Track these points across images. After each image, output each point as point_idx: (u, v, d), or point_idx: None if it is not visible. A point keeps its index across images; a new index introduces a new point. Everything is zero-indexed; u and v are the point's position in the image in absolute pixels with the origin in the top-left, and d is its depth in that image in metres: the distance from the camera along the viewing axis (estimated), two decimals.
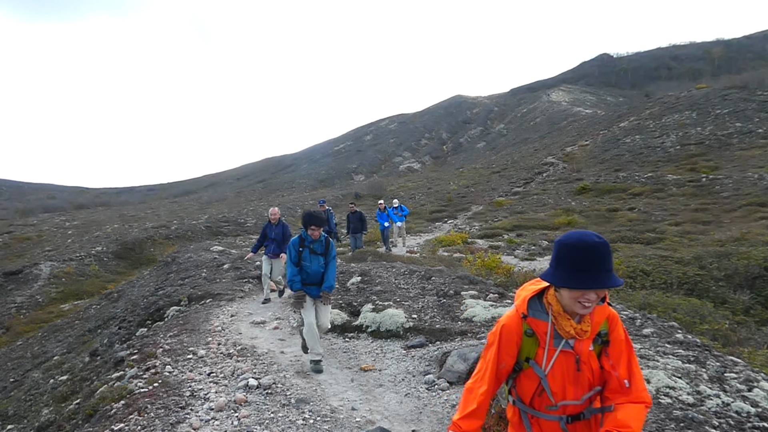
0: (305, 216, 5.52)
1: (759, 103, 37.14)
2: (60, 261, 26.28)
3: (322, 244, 5.55)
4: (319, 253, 5.51)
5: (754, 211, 18.61)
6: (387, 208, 17.40)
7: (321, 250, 5.53)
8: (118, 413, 4.33)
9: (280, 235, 9.38)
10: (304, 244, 5.51)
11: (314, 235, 5.48)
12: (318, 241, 5.52)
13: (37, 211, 63.26)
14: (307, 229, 5.45)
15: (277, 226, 9.42)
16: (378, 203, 18.18)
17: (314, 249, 5.51)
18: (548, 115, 74.12)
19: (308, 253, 5.48)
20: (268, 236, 9.46)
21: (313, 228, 5.45)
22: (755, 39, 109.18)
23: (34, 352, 13.65)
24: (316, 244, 5.52)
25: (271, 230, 9.45)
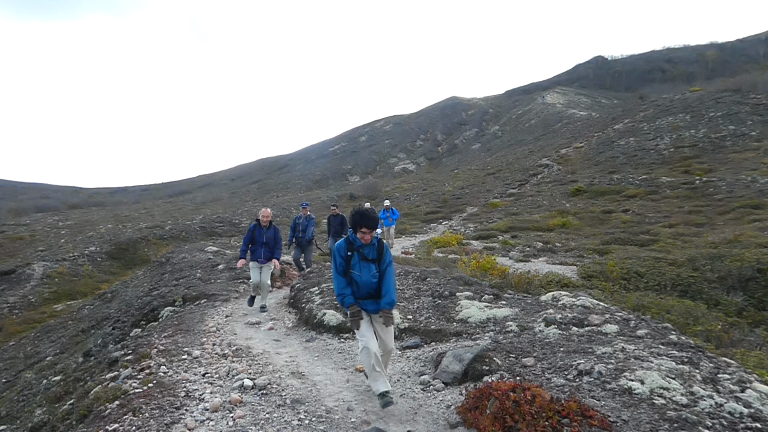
0: (355, 215, 4.50)
1: (752, 106, 37.43)
2: (53, 261, 26.17)
3: (374, 249, 4.59)
4: (371, 259, 4.56)
5: (747, 214, 18.74)
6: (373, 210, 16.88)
7: (373, 255, 4.57)
8: (113, 414, 4.31)
9: (272, 238, 8.85)
10: (353, 248, 4.54)
11: (365, 239, 4.47)
12: (370, 245, 4.56)
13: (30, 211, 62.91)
14: (357, 231, 4.49)
15: (269, 229, 8.84)
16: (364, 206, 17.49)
17: (365, 254, 4.54)
18: (543, 117, 74.39)
19: (358, 260, 4.54)
20: (256, 240, 8.80)
21: (364, 230, 4.43)
22: (749, 42, 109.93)
23: (26, 352, 13.58)
24: (367, 248, 4.55)
25: (261, 233, 8.79)
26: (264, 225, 8.82)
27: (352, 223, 4.48)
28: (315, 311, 7.64)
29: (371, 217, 4.45)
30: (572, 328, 5.71)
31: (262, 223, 8.82)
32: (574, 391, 4.00)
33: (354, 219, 4.47)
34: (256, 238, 8.79)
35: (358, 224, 4.45)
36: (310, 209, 13.21)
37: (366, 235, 4.43)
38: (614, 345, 4.90)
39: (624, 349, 4.76)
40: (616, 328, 5.58)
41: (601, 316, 5.99)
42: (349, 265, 4.54)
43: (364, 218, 4.43)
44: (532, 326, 5.94)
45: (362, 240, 4.46)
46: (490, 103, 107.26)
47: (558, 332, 5.61)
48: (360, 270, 4.53)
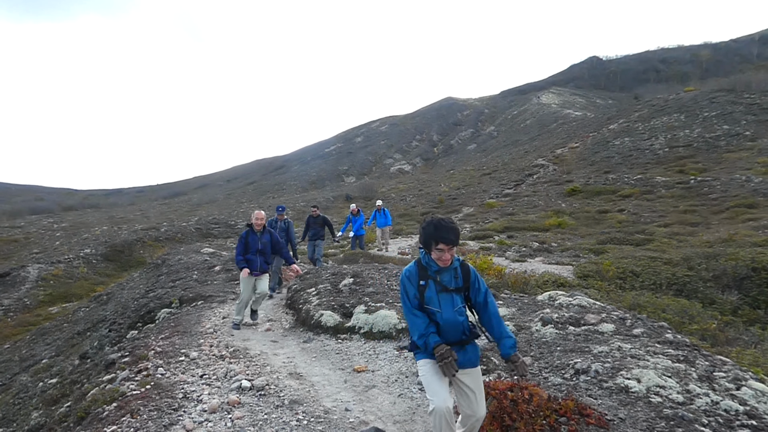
0: (428, 227, 3.20)
1: (746, 105, 37.63)
2: (48, 263, 26.05)
3: (456, 274, 3.28)
4: (452, 289, 3.24)
5: (741, 213, 18.84)
6: (360, 211, 15.98)
7: (456, 283, 3.27)
8: (111, 415, 4.31)
9: (267, 244, 7.92)
10: (426, 275, 3.27)
11: (444, 260, 3.17)
12: (449, 268, 3.24)
13: (25, 213, 62.65)
14: (432, 248, 3.17)
15: (263, 234, 7.90)
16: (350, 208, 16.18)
17: (444, 283, 3.25)
18: (538, 117, 74.54)
19: (435, 291, 3.23)
20: (250, 247, 7.80)
21: (441, 247, 3.12)
22: (742, 42, 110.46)
23: (21, 355, 13.52)
24: (446, 273, 3.25)
25: (255, 240, 7.81)
26: (257, 230, 7.86)
27: (424, 238, 3.21)
28: (312, 312, 7.64)
29: (450, 227, 3.11)
30: (569, 328, 5.74)
31: (255, 228, 7.85)
32: (571, 390, 4.02)
33: (426, 232, 3.18)
34: (249, 246, 7.80)
35: (432, 239, 3.14)
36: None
37: (444, 254, 3.12)
38: (611, 344, 4.93)
39: (620, 348, 4.79)
40: (613, 327, 5.61)
41: (598, 316, 6.02)
42: (423, 299, 3.25)
43: (441, 230, 3.11)
44: (528, 326, 5.96)
45: (439, 262, 3.17)
46: (485, 103, 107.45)
47: (555, 331, 5.64)
48: (439, 304, 3.22)
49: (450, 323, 3.22)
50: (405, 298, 3.31)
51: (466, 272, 3.33)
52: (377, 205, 17.42)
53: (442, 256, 3.14)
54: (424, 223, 3.25)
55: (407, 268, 3.38)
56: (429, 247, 3.20)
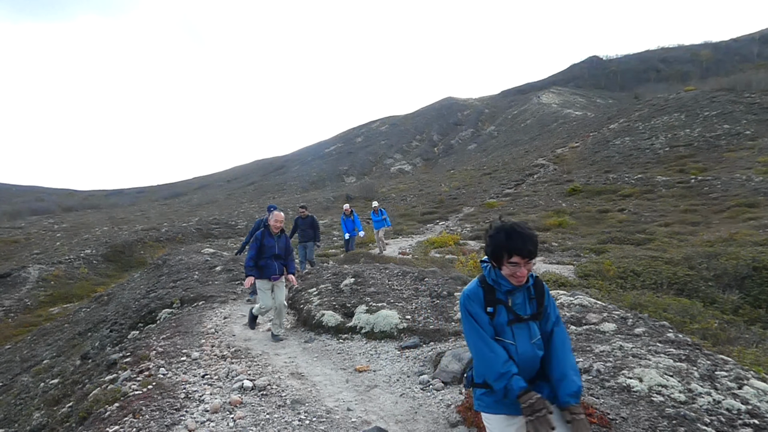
0: (497, 234, 2.49)
1: (746, 105, 37.60)
2: (49, 264, 26.07)
3: (530, 295, 2.60)
4: (527, 317, 2.56)
5: (742, 212, 18.83)
6: (353, 212, 15.31)
7: (530, 309, 2.59)
8: (113, 416, 4.31)
9: (284, 249, 7.25)
10: (495, 297, 2.55)
11: (518, 278, 2.48)
12: (523, 288, 2.56)
13: (25, 214, 62.72)
14: (503, 262, 2.48)
15: (281, 238, 7.22)
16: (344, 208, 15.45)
17: (515, 307, 2.55)
18: (538, 117, 74.54)
19: (506, 319, 2.53)
20: (266, 251, 7.05)
21: (515, 261, 2.43)
22: (742, 42, 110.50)
23: (23, 355, 13.52)
24: (518, 295, 2.57)
25: (273, 243, 7.10)
26: (275, 233, 7.17)
27: (492, 248, 2.49)
28: (314, 312, 7.65)
29: (528, 236, 2.41)
30: (570, 327, 5.74)
31: (273, 231, 7.15)
32: None
33: (495, 241, 2.47)
34: (265, 250, 7.05)
35: (503, 250, 2.43)
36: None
37: (520, 270, 2.42)
38: (612, 343, 4.93)
39: (622, 347, 4.78)
40: (614, 326, 5.61)
41: (599, 315, 6.02)
42: (495, 329, 2.53)
43: (516, 239, 2.40)
44: None
45: (513, 279, 2.47)
46: (485, 103, 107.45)
47: None
48: (513, 336, 2.51)
49: (527, 360, 2.49)
50: (472, 322, 2.52)
51: (540, 292, 2.61)
52: (374, 206, 16.82)
53: (517, 273, 2.42)
54: (491, 228, 2.52)
55: (468, 289, 2.61)
56: (499, 260, 2.47)
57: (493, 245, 2.48)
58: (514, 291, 2.53)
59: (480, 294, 2.56)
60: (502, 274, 2.50)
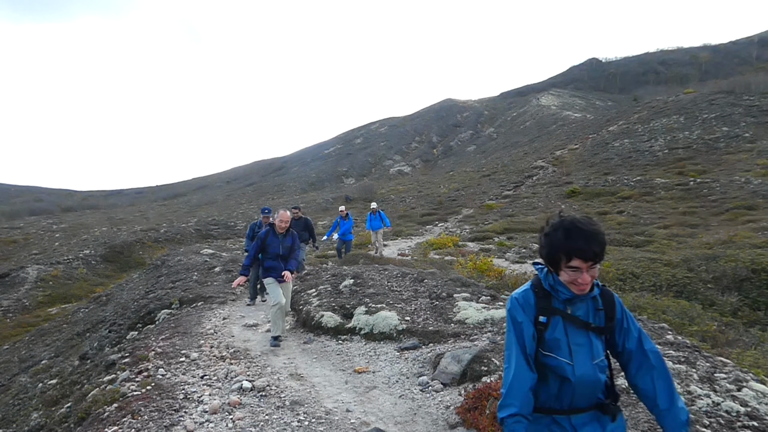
0: (558, 232, 2.02)
1: (745, 107, 37.69)
2: (47, 264, 26.04)
3: (596, 305, 2.16)
4: (593, 327, 2.12)
5: (741, 214, 18.86)
6: (349, 215, 14.73)
7: (597, 320, 2.15)
8: (111, 416, 4.30)
9: (289, 249, 6.88)
10: (551, 306, 2.13)
11: (581, 285, 2.03)
12: (587, 297, 2.11)
13: (24, 214, 62.67)
14: (562, 265, 2.04)
15: (286, 237, 6.86)
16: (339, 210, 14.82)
17: (579, 318, 2.13)
18: (538, 119, 74.69)
19: (564, 331, 2.11)
20: (269, 250, 6.78)
21: (576, 264, 1.98)
22: (741, 44, 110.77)
23: (21, 356, 13.50)
24: (580, 304, 2.14)
25: (277, 243, 6.79)
26: (280, 232, 6.81)
27: (548, 249, 2.06)
28: (313, 313, 7.64)
29: (592, 233, 1.96)
30: None
31: (278, 230, 6.79)
32: None
33: (552, 241, 2.03)
34: (268, 249, 6.76)
35: (561, 251, 2.00)
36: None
37: (582, 276, 1.98)
38: None
39: None
40: None
41: None
42: (543, 341, 2.09)
43: (578, 237, 1.96)
44: None
45: (573, 287, 2.03)
46: (484, 105, 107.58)
47: None
48: (571, 353, 2.06)
49: (586, 382, 2.04)
50: (513, 334, 2.10)
51: (609, 303, 2.13)
52: (372, 208, 16.25)
53: (578, 279, 1.98)
54: (548, 225, 2.07)
55: (518, 293, 2.17)
56: (556, 264, 2.04)
57: (549, 246, 2.04)
58: (574, 300, 2.08)
59: (531, 300, 2.12)
60: (560, 280, 2.06)
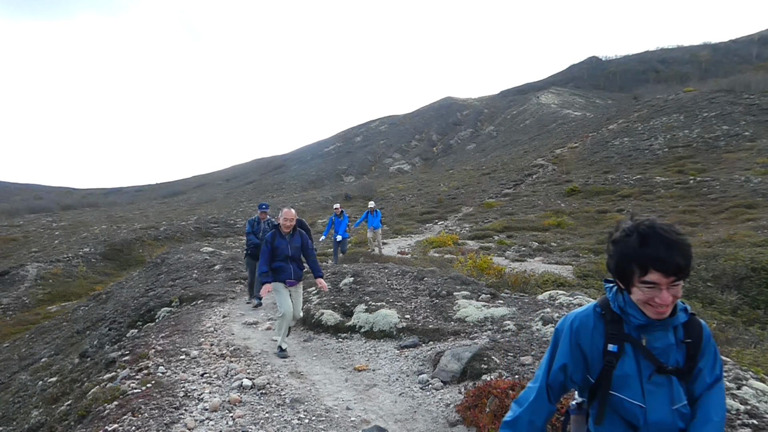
0: (632, 238, 1.56)
1: (745, 106, 37.67)
2: (47, 262, 26.02)
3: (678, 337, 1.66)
4: (671, 369, 1.64)
5: (740, 213, 18.86)
6: (344, 213, 14.30)
7: (678, 357, 1.66)
8: (112, 414, 4.31)
9: (298, 249, 6.36)
10: (622, 332, 1.68)
11: (662, 306, 1.56)
12: (667, 324, 1.63)
13: (23, 212, 62.62)
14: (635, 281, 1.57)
15: (294, 237, 6.33)
16: (334, 207, 14.50)
17: (656, 350, 1.65)
18: (538, 117, 74.60)
19: (636, 367, 1.65)
20: (278, 253, 6.20)
21: (654, 279, 1.53)
22: (741, 43, 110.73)
23: (21, 354, 13.51)
24: (659, 333, 1.64)
25: (284, 245, 6.23)
26: (286, 232, 6.28)
27: (617, 259, 1.63)
28: (313, 311, 7.65)
29: (673, 241, 1.53)
30: None
31: (283, 231, 6.27)
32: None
33: (624, 249, 1.60)
34: (277, 251, 6.21)
35: (635, 262, 1.57)
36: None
37: (661, 295, 1.54)
38: None
39: None
40: None
41: None
42: (609, 378, 1.68)
43: (655, 245, 1.54)
44: (529, 325, 5.96)
45: (649, 311, 1.61)
46: (484, 103, 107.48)
47: None
48: (644, 393, 1.65)
49: (661, 427, 1.63)
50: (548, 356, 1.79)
51: (696, 334, 1.68)
52: (370, 206, 16.01)
53: (655, 298, 1.54)
54: (618, 230, 1.64)
55: (578, 314, 1.77)
56: (627, 279, 1.60)
57: (620, 254, 1.59)
58: (650, 327, 1.63)
59: (591, 324, 1.71)
60: (633, 300, 1.62)
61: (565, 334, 1.75)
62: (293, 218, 6.30)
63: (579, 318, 1.75)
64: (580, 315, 1.76)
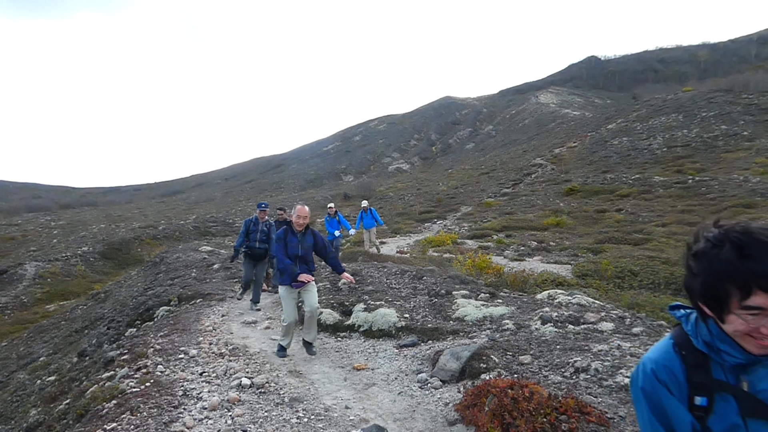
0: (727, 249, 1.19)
1: (744, 106, 37.69)
2: (45, 261, 26.01)
3: None
4: None
5: (739, 213, 18.86)
6: (338, 213, 14.17)
7: None
8: (110, 413, 4.30)
9: (310, 249, 6.06)
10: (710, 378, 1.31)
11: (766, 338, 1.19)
12: None
13: (22, 211, 62.55)
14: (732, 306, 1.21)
15: (307, 236, 6.03)
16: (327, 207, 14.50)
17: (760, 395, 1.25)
18: (536, 117, 74.62)
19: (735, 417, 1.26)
20: (288, 251, 5.92)
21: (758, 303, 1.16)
22: (740, 43, 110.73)
23: (19, 353, 13.49)
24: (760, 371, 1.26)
25: (296, 243, 5.95)
26: (299, 230, 5.99)
27: (705, 277, 1.25)
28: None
29: None
30: (568, 326, 5.75)
31: (296, 227, 5.98)
32: (571, 388, 4.02)
33: (716, 265, 1.22)
34: (288, 249, 5.94)
35: (732, 280, 1.19)
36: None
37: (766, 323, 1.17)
38: (610, 342, 4.94)
39: (620, 346, 4.79)
40: (612, 325, 5.62)
41: (597, 314, 6.03)
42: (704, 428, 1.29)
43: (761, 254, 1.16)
44: (528, 324, 5.97)
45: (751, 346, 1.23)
46: (483, 102, 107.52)
47: (554, 330, 5.65)
48: None
49: None
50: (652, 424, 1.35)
51: None
52: (363, 206, 15.63)
53: (762, 328, 1.20)
54: (700, 240, 1.30)
55: (653, 357, 1.40)
56: (719, 305, 1.26)
57: (708, 272, 1.25)
58: (753, 367, 1.29)
59: (679, 370, 1.35)
60: (725, 331, 1.28)
61: (653, 381, 1.35)
62: (307, 216, 5.99)
63: (657, 359, 1.36)
64: (658, 356, 1.37)
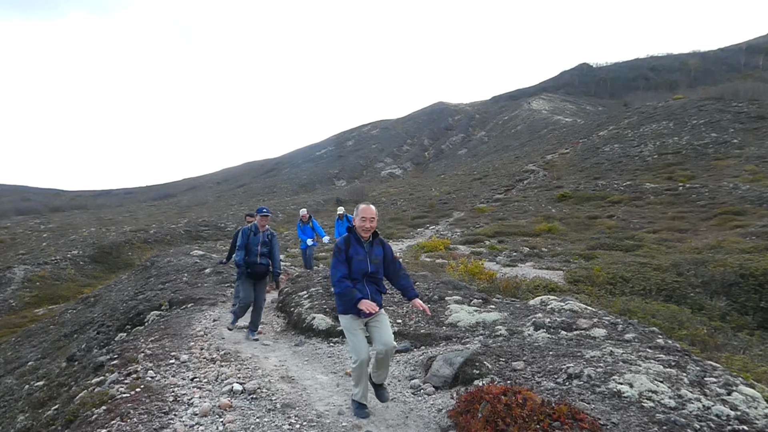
0: None
1: (734, 114, 38.11)
2: (34, 265, 25.76)
3: None
4: None
5: (729, 220, 19.03)
6: (312, 218, 13.44)
7: None
8: (100, 419, 4.25)
9: (379, 263, 4.40)
10: None
11: None
12: None
13: (11, 214, 62.01)
14: None
15: (376, 246, 4.43)
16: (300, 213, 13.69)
17: None
18: (529, 123, 75.04)
19: None
20: (353, 266, 4.24)
21: None
22: (730, 51, 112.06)
23: (7, 357, 13.33)
24: None
25: (363, 254, 4.31)
26: (365, 237, 4.36)
27: None
28: (304, 315, 7.61)
29: None
30: (561, 332, 5.75)
31: (362, 234, 4.35)
32: (564, 395, 4.02)
33: None
34: (353, 264, 4.29)
35: None
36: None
37: None
38: (603, 349, 4.95)
39: (612, 352, 4.80)
40: (604, 332, 5.63)
41: (590, 320, 6.04)
42: None
43: None
44: (521, 330, 5.96)
45: None
46: (476, 108, 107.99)
47: (547, 336, 5.65)
48: None
49: None
50: None
51: None
52: (339, 213, 13.76)
53: None
54: None
55: None
56: None
57: None
58: None
59: None
60: None
61: None
62: (374, 217, 4.35)
63: None
64: None
